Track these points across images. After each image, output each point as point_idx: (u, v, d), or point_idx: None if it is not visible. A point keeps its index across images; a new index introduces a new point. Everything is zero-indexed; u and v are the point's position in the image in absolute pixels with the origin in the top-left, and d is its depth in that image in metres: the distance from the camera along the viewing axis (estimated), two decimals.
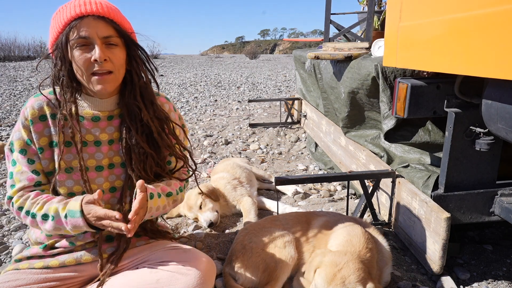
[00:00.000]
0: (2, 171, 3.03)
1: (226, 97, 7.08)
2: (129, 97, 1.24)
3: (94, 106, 1.25)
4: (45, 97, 1.21)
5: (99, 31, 1.11)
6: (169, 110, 1.39)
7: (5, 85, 7.83)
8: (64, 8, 1.13)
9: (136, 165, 1.25)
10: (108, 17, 1.12)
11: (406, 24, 1.56)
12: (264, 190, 2.67)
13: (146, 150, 1.26)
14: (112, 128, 1.27)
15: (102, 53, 1.11)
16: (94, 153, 1.24)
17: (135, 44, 1.22)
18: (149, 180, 1.28)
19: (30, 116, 1.18)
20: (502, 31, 1.01)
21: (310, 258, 1.37)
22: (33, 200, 1.16)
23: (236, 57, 28.02)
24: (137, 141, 1.24)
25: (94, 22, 1.10)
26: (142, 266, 1.25)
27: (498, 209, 1.60)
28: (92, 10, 1.10)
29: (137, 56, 1.23)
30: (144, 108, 1.25)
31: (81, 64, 1.12)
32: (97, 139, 1.25)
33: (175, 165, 1.40)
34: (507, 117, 1.21)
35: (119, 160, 1.29)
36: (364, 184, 1.90)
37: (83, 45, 1.11)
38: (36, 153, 1.20)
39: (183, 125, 1.47)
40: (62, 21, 1.10)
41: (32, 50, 16.03)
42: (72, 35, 1.10)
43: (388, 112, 1.96)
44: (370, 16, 2.55)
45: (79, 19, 1.09)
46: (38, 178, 1.20)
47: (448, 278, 1.57)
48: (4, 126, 4.51)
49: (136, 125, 1.25)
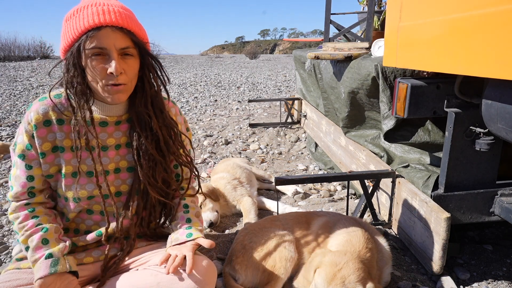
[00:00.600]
0: (2, 171, 3.03)
1: (226, 97, 7.08)
2: (139, 104, 1.23)
3: (102, 111, 1.24)
4: (52, 101, 1.18)
5: (116, 42, 1.08)
6: (175, 114, 1.39)
7: (5, 85, 7.83)
8: (80, 13, 1.08)
9: (145, 171, 1.26)
10: (126, 27, 1.10)
11: (406, 24, 1.56)
12: (264, 190, 2.67)
13: (155, 157, 1.27)
14: (120, 133, 1.27)
15: (119, 66, 1.09)
16: (100, 158, 1.23)
17: (149, 54, 1.21)
18: (156, 186, 1.31)
19: (34, 121, 1.16)
20: (502, 31, 1.01)
21: (310, 258, 1.37)
22: (20, 225, 1.19)
23: (236, 57, 28.02)
24: (147, 148, 1.25)
25: (113, 33, 1.07)
26: (142, 268, 1.25)
27: (498, 209, 1.60)
28: (112, 20, 1.06)
29: (150, 65, 1.22)
30: (154, 116, 1.25)
31: (97, 74, 1.10)
32: (104, 144, 1.25)
33: (182, 174, 1.43)
34: (507, 117, 1.21)
35: (126, 165, 1.30)
36: (364, 184, 1.90)
37: (99, 55, 1.09)
38: (35, 158, 1.20)
39: (188, 128, 1.48)
40: (79, 29, 1.07)
41: (32, 50, 16.04)
42: (89, 44, 1.07)
43: (388, 112, 1.96)
44: (370, 16, 2.55)
45: (97, 29, 1.06)
46: (32, 183, 1.21)
47: (448, 278, 1.57)
48: (4, 126, 4.51)
49: (146, 133, 1.25)
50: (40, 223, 1.19)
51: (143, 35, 1.18)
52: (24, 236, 1.16)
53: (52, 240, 1.16)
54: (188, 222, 1.34)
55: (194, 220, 1.37)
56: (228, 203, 2.23)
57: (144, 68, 1.21)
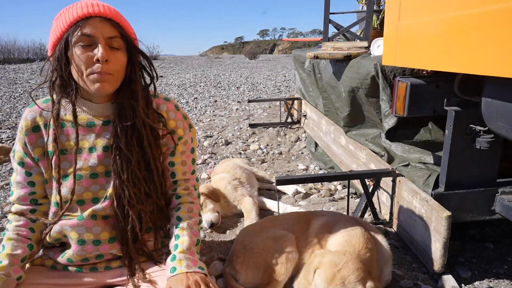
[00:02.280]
0: (3, 173, 3.03)
1: (226, 97, 7.08)
2: (123, 95, 1.19)
3: (90, 111, 1.21)
4: (38, 107, 1.20)
5: (104, 31, 1.10)
6: (167, 111, 1.30)
7: (5, 88, 7.84)
8: (69, 9, 1.11)
9: (119, 168, 1.18)
10: (114, 19, 1.12)
11: (405, 23, 1.55)
12: (265, 190, 2.67)
13: (127, 154, 1.18)
14: (108, 134, 1.21)
15: (105, 52, 1.09)
16: (88, 160, 1.20)
17: (137, 50, 1.21)
18: (132, 186, 1.20)
19: (24, 127, 1.19)
20: (502, 29, 1.01)
21: (310, 259, 1.37)
22: (17, 229, 1.21)
23: (235, 57, 28.03)
24: (122, 142, 1.18)
25: (101, 23, 1.10)
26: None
27: (499, 207, 1.60)
28: (100, 11, 1.09)
29: (137, 62, 1.21)
30: (139, 109, 1.19)
31: (83, 62, 1.09)
32: (92, 145, 1.21)
33: (177, 175, 1.34)
34: (507, 115, 1.21)
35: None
36: (364, 184, 1.90)
37: (86, 45, 1.09)
38: (33, 166, 1.22)
39: (190, 125, 1.38)
40: (68, 21, 1.08)
41: (31, 53, 16.06)
42: (77, 33, 1.08)
43: (388, 111, 1.96)
44: (369, 15, 2.55)
45: (86, 19, 1.08)
46: (33, 189, 1.24)
47: (450, 277, 1.57)
48: (4, 129, 4.51)
49: (126, 127, 1.19)
50: (30, 239, 1.23)
51: (131, 30, 1.20)
52: (10, 237, 1.19)
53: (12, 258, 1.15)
54: (175, 248, 1.21)
55: (181, 237, 1.23)
56: (229, 203, 2.22)
57: (131, 65, 1.19)
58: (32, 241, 1.22)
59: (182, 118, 1.35)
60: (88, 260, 1.25)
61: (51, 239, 1.25)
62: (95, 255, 1.24)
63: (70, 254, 1.23)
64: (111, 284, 1.29)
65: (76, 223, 1.20)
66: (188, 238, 1.23)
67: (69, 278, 1.25)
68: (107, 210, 1.22)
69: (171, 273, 1.14)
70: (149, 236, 1.30)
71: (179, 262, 1.16)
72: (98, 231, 1.22)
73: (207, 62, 19.03)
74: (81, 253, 1.22)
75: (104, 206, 1.21)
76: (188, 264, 1.16)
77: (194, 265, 1.17)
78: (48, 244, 1.28)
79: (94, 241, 1.22)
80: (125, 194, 1.19)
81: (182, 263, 1.16)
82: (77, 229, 1.20)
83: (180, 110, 1.36)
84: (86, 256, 1.24)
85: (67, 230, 1.21)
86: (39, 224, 1.25)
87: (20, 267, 1.16)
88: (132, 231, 1.23)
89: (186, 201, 1.33)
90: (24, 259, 1.18)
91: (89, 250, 1.22)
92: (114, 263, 1.29)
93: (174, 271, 1.14)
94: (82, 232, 1.21)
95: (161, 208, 1.31)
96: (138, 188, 1.21)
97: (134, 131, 1.19)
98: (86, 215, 1.20)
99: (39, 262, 1.28)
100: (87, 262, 1.26)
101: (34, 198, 1.25)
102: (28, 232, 1.22)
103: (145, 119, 1.20)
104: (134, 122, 1.19)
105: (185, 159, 1.36)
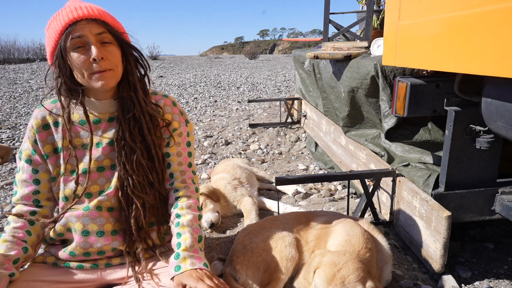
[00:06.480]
0: (3, 173, 3.03)
1: (226, 97, 7.08)
2: (123, 90, 1.26)
3: (95, 109, 1.28)
4: (46, 109, 1.27)
5: (92, 29, 1.14)
6: (164, 105, 1.35)
7: (5, 88, 7.84)
8: (56, 17, 1.16)
9: (123, 159, 1.25)
10: (100, 18, 1.17)
11: (405, 23, 1.56)
12: (265, 190, 2.67)
13: (136, 145, 1.25)
14: (113, 129, 1.29)
15: (99, 51, 1.14)
16: (95, 154, 1.27)
17: (126, 43, 1.25)
18: (136, 175, 1.25)
19: (35, 126, 1.26)
20: (502, 29, 1.01)
21: (309, 259, 1.37)
22: (14, 230, 1.22)
23: (235, 57, 28.02)
24: (126, 134, 1.25)
25: (88, 24, 1.14)
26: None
27: (499, 207, 1.60)
28: (84, 14, 1.14)
29: (130, 54, 1.26)
30: (137, 102, 1.26)
31: (81, 65, 1.15)
32: (98, 141, 1.28)
33: (174, 168, 1.36)
34: (506, 115, 1.21)
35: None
36: (364, 184, 1.90)
37: (80, 47, 1.14)
38: (40, 163, 1.27)
39: (187, 120, 1.42)
40: (58, 30, 1.14)
41: (31, 53, 16.06)
42: (68, 39, 1.13)
43: (388, 111, 1.96)
44: (369, 15, 2.55)
45: (73, 25, 1.13)
46: (38, 187, 1.28)
47: (450, 277, 1.57)
48: (4, 129, 4.51)
49: (128, 119, 1.27)
50: (26, 241, 1.23)
51: (118, 25, 1.24)
52: (5, 239, 1.20)
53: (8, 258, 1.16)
54: (178, 246, 1.21)
55: (183, 235, 1.23)
56: (229, 203, 2.22)
57: (126, 57, 1.25)
58: (28, 244, 1.23)
59: (179, 113, 1.40)
60: (89, 255, 1.28)
61: (54, 234, 1.28)
62: (97, 249, 1.27)
63: (73, 246, 1.26)
64: (111, 282, 1.31)
65: (81, 213, 1.24)
66: (190, 236, 1.22)
67: (70, 275, 1.27)
68: (112, 200, 1.27)
69: (175, 271, 1.14)
70: (152, 230, 1.35)
71: (183, 260, 1.16)
72: (102, 222, 1.26)
73: (207, 62, 19.04)
74: (84, 245, 1.26)
75: (108, 194, 1.26)
76: (192, 262, 1.16)
77: (198, 262, 1.17)
78: (50, 239, 1.31)
79: (97, 232, 1.26)
80: (129, 182, 1.25)
81: (187, 261, 1.16)
82: (82, 219, 1.25)
83: (177, 106, 1.41)
84: (88, 250, 1.27)
85: (72, 222, 1.25)
86: (36, 227, 1.26)
87: (12, 267, 1.16)
88: (135, 220, 1.27)
89: (183, 195, 1.33)
90: (16, 261, 1.17)
91: (92, 242, 1.26)
92: (115, 260, 1.31)
93: (178, 270, 1.14)
94: (86, 223, 1.25)
95: (163, 199, 1.35)
96: (142, 176, 1.27)
97: (136, 122, 1.27)
98: (92, 205, 1.25)
99: (40, 260, 1.30)
100: (88, 257, 1.28)
101: (37, 199, 1.28)
102: (24, 234, 1.23)
103: (144, 107, 1.27)
104: (135, 113, 1.26)
105: (180, 150, 1.38)
